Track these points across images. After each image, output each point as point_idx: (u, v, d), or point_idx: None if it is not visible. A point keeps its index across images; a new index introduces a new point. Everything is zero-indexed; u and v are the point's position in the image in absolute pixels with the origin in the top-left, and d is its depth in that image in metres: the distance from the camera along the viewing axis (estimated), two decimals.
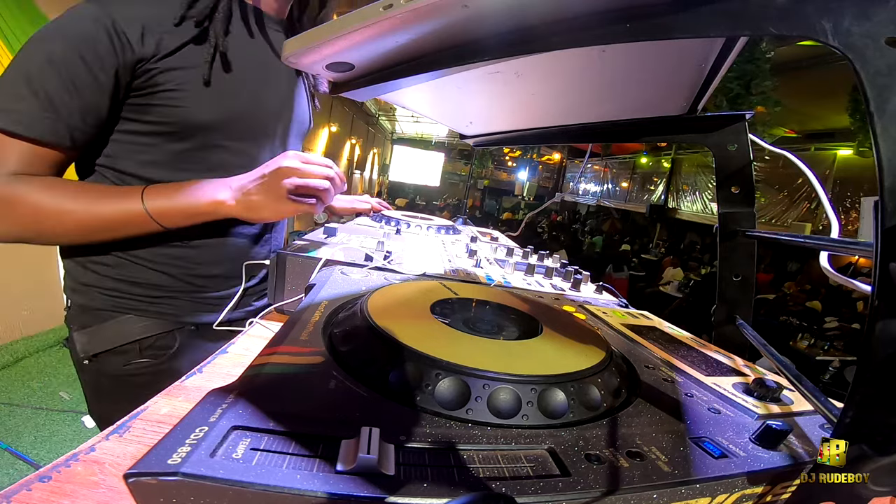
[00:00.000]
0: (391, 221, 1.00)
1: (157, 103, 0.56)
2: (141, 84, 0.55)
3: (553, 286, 0.68)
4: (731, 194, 0.58)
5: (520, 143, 0.87)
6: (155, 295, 0.63)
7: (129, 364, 0.62)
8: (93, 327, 0.62)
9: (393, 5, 0.27)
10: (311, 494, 0.18)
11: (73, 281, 0.63)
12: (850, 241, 0.36)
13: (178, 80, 0.56)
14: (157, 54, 0.55)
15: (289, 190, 0.56)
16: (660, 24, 0.25)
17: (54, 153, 0.53)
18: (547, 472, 0.22)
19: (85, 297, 0.62)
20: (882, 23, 0.19)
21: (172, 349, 0.64)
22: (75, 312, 0.63)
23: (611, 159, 10.19)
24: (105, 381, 0.64)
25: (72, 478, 0.26)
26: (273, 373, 0.27)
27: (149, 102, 0.56)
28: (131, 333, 0.62)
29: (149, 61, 0.54)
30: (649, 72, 0.50)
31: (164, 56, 0.55)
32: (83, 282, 0.62)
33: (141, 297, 0.63)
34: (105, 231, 0.56)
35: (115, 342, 0.62)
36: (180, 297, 0.65)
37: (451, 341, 0.33)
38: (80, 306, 0.63)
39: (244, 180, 0.59)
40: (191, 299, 0.66)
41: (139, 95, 0.56)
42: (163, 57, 0.55)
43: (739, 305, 0.59)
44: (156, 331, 0.63)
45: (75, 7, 0.52)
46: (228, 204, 0.58)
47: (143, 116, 0.57)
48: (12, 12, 1.92)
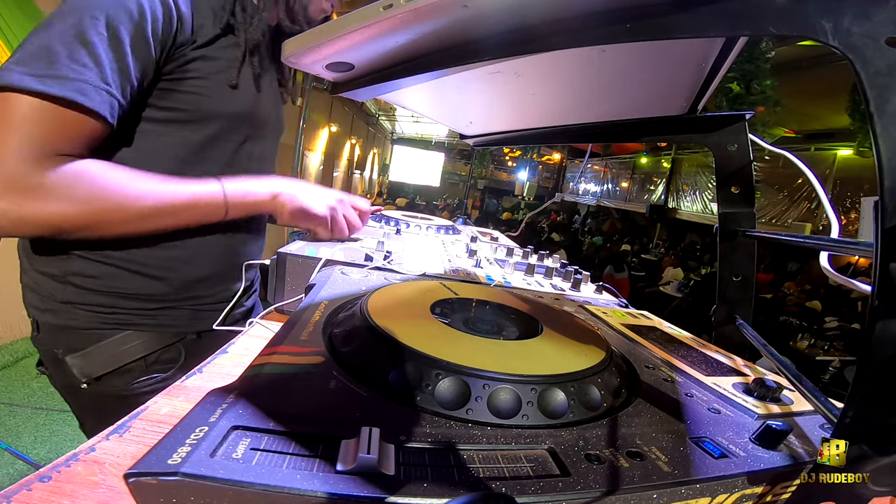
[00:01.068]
0: (391, 221, 1.00)
1: (183, 90, 0.55)
2: (172, 68, 0.54)
3: (553, 286, 0.68)
4: (731, 194, 0.58)
5: (520, 143, 0.87)
6: (151, 307, 0.60)
7: (136, 382, 0.59)
8: (88, 349, 0.57)
9: (393, 5, 0.27)
10: (311, 494, 0.18)
11: (43, 299, 0.56)
12: (850, 241, 0.36)
13: (208, 70, 0.56)
14: (195, 41, 0.54)
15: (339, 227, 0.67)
16: (660, 24, 0.25)
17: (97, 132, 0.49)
18: (547, 472, 0.22)
19: (64, 317, 0.57)
20: (882, 23, 0.19)
21: (179, 362, 0.62)
22: (53, 335, 0.57)
23: (611, 159, 10.19)
24: (110, 403, 0.60)
25: (72, 478, 0.26)
26: (273, 373, 0.27)
27: (174, 88, 0.55)
28: (133, 351, 0.58)
29: (188, 46, 0.53)
30: (649, 72, 0.50)
31: (201, 45, 0.55)
32: (60, 299, 0.56)
33: (137, 310, 0.59)
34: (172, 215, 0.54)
35: (119, 362, 0.58)
36: (178, 307, 0.62)
37: (451, 341, 0.33)
38: (58, 327, 0.57)
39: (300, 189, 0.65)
40: (188, 307, 0.64)
41: (167, 79, 0.54)
42: (200, 46, 0.54)
43: (739, 305, 0.59)
44: (159, 345, 0.60)
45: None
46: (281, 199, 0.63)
47: (161, 101, 0.55)
48: (12, 12, 1.92)
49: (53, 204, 0.46)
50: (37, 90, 0.43)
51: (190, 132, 0.59)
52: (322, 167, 7.16)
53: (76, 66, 0.45)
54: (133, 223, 0.53)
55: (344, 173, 9.19)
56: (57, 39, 0.45)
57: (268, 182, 0.63)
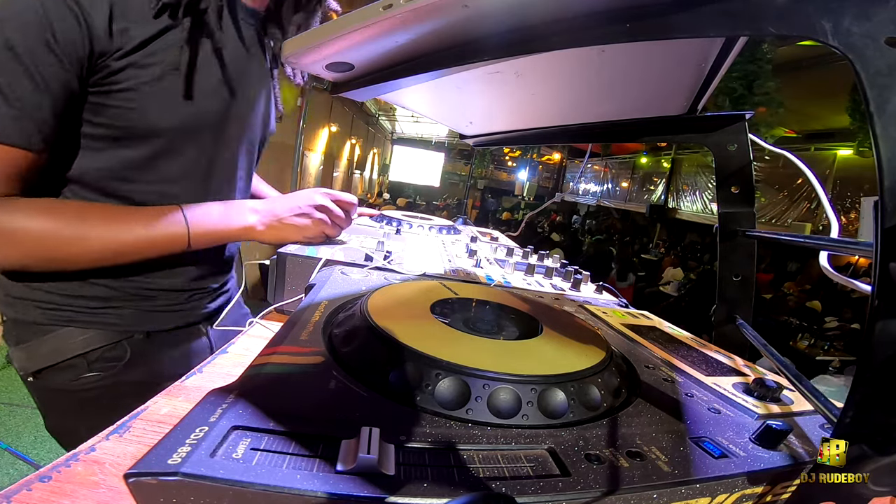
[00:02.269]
0: (391, 221, 1.00)
1: (111, 104, 0.49)
2: (97, 80, 0.48)
3: (553, 286, 0.68)
4: (730, 194, 0.58)
5: (520, 143, 0.87)
6: (95, 306, 0.57)
7: (78, 379, 0.56)
8: (31, 342, 0.55)
9: (393, 5, 0.27)
10: (311, 494, 0.18)
11: (3, 293, 0.56)
12: (850, 241, 0.36)
13: (138, 79, 0.49)
14: (120, 48, 0.47)
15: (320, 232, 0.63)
16: (660, 24, 0.25)
17: (20, 161, 0.45)
18: (547, 472, 0.22)
19: (17, 310, 0.56)
20: (882, 23, 0.19)
21: (123, 360, 0.58)
22: (10, 326, 0.57)
23: (611, 159, 10.19)
24: (55, 398, 0.59)
25: (72, 478, 0.26)
26: (273, 373, 0.27)
27: (103, 102, 0.49)
28: (73, 348, 0.56)
29: (110, 56, 0.47)
30: (649, 72, 0.50)
31: (128, 52, 0.48)
32: (13, 294, 0.55)
33: (81, 308, 0.56)
34: (131, 255, 0.52)
35: (56, 357, 0.56)
36: (125, 307, 0.58)
37: (451, 341, 0.33)
38: (14, 320, 0.56)
39: (276, 208, 0.61)
40: (136, 308, 0.59)
41: (94, 93, 0.49)
42: (127, 53, 0.48)
43: (739, 305, 0.59)
44: (101, 342, 0.57)
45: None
46: (258, 229, 0.59)
47: (95, 118, 0.50)
48: None
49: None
50: None
51: (126, 149, 0.53)
52: (322, 167, 7.17)
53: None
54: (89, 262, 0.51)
55: (344, 173, 9.20)
56: None
57: (239, 210, 0.59)
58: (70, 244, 0.49)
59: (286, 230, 0.62)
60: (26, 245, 0.48)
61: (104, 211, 0.52)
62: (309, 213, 0.62)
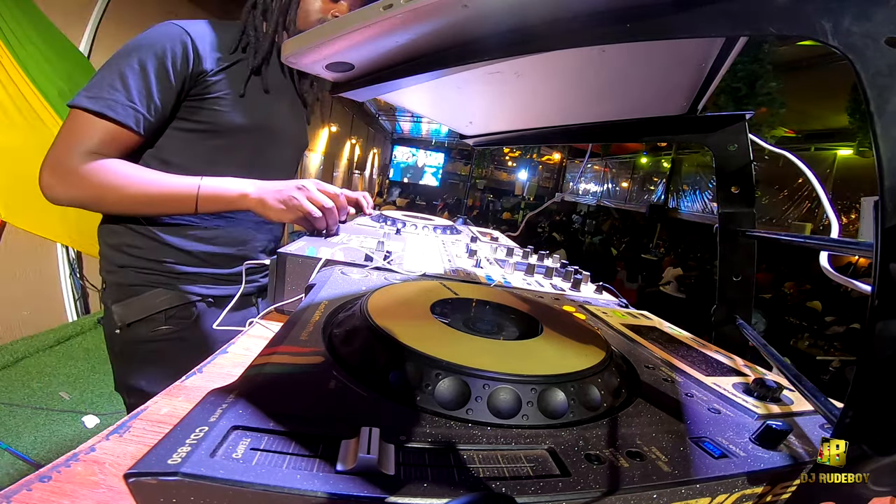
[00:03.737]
0: (391, 221, 1.00)
1: (206, 107, 0.73)
2: (197, 91, 0.72)
3: (553, 286, 0.68)
4: (731, 194, 0.58)
5: (520, 143, 0.87)
6: (177, 273, 0.77)
7: (155, 331, 0.75)
8: (129, 300, 0.75)
9: (393, 5, 0.27)
10: (311, 494, 0.18)
11: (110, 264, 0.77)
12: (850, 241, 0.36)
13: (222, 91, 0.73)
14: (213, 69, 0.72)
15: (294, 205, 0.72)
16: (660, 24, 0.25)
17: (126, 137, 0.67)
18: (547, 472, 0.22)
19: (121, 276, 0.76)
20: (882, 23, 0.19)
21: (191, 318, 0.78)
22: (112, 290, 0.77)
23: (611, 159, 10.19)
24: (134, 348, 0.77)
25: (72, 478, 0.26)
26: (273, 373, 0.27)
27: (200, 106, 0.73)
28: (158, 305, 0.75)
29: (207, 74, 0.72)
30: (649, 72, 0.50)
31: (218, 71, 0.72)
32: (119, 264, 0.76)
33: (168, 273, 0.76)
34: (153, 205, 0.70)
35: (147, 311, 0.75)
36: (198, 276, 0.79)
37: (451, 341, 0.33)
38: (117, 284, 0.76)
39: (267, 185, 0.74)
40: (207, 276, 0.80)
41: (194, 99, 0.72)
42: (219, 71, 0.73)
43: (739, 305, 0.59)
44: (178, 302, 0.76)
45: (164, 24, 0.70)
46: (251, 197, 0.72)
47: (193, 116, 0.73)
48: (12, 12, 1.91)
49: (76, 187, 0.66)
50: (82, 106, 0.65)
51: (209, 140, 0.76)
52: (322, 167, 7.17)
53: (111, 90, 0.65)
54: (124, 204, 0.70)
55: (344, 173, 9.19)
56: (105, 73, 0.66)
57: (241, 182, 0.73)
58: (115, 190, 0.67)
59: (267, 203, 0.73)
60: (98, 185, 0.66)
61: (148, 172, 0.70)
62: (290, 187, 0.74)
